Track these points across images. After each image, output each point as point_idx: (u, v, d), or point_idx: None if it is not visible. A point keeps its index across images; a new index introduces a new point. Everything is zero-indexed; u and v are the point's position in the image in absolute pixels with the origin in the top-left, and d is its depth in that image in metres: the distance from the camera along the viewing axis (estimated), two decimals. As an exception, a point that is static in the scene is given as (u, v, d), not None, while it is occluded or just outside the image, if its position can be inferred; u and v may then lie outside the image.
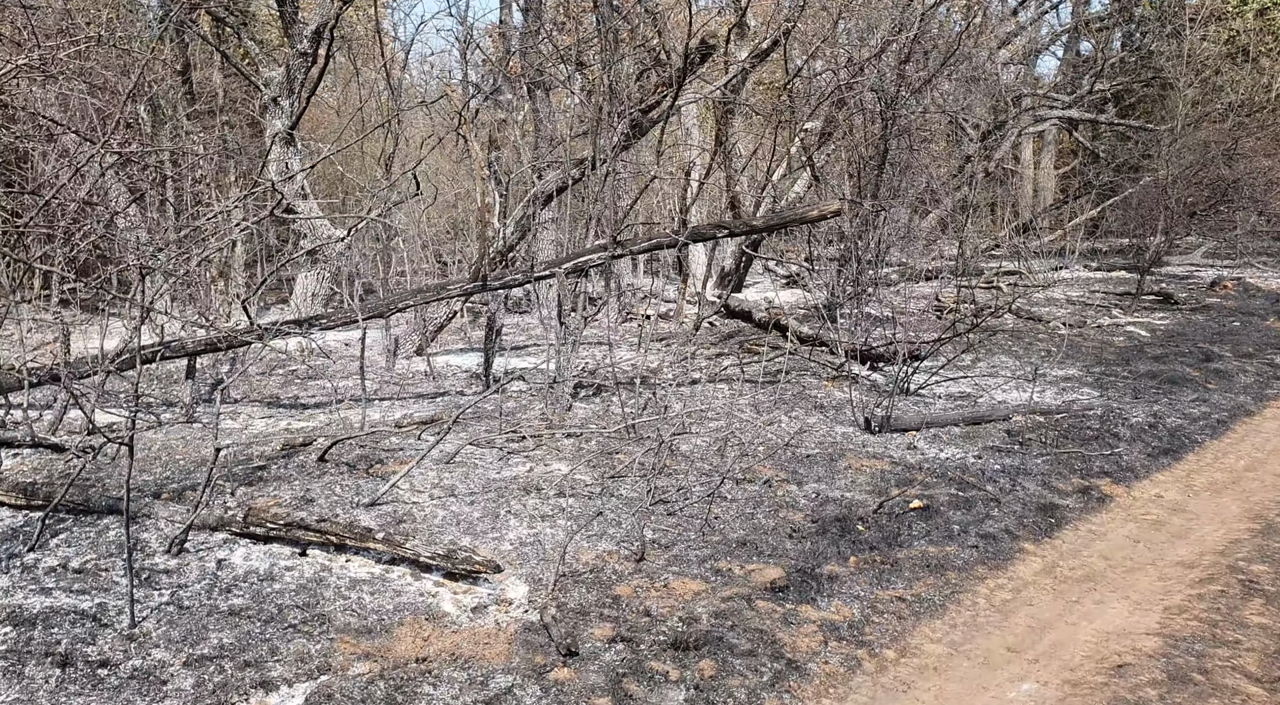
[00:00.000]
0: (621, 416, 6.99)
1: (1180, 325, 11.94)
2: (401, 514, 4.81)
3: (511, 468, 5.70)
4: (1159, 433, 7.01)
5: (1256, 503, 5.71)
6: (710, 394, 7.90)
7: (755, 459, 6.07)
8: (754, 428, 6.82)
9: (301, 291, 9.85)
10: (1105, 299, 14.23)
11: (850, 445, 6.51)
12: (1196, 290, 15.33)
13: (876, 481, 5.74)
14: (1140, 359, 9.74)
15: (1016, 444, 6.63)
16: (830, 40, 10.35)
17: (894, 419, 6.94)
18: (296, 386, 8.09)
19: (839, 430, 6.90)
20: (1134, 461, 6.39)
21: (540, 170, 8.65)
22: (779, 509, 5.25)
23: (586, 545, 4.60)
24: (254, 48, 9.21)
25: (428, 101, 8.46)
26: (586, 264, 6.82)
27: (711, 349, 10.22)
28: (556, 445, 6.19)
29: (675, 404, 7.48)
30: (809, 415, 7.28)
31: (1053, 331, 11.53)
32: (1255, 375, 9.13)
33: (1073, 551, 4.96)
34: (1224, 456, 6.67)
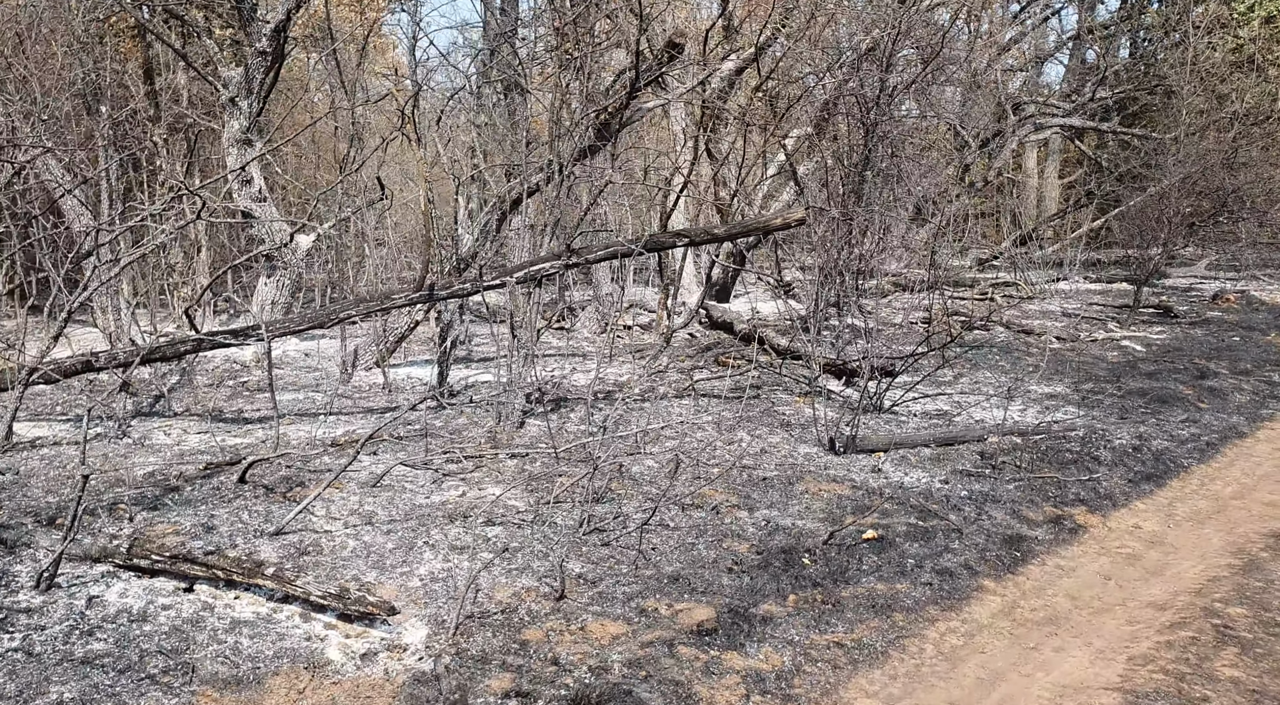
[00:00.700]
0: (575, 435, 6.65)
1: (1178, 340, 11.53)
2: (308, 544, 4.46)
3: (444, 492, 5.36)
4: (1143, 456, 6.63)
5: (1240, 535, 5.32)
6: (674, 410, 7.55)
7: (707, 482, 5.71)
8: (712, 448, 6.46)
9: (261, 299, 9.54)
10: (1102, 312, 13.83)
11: (811, 467, 6.14)
12: (1198, 303, 14.92)
13: (832, 508, 5.38)
14: (1132, 375, 9.35)
15: (989, 467, 6.25)
16: (815, 43, 10.01)
17: (860, 439, 6.57)
18: (244, 399, 7.76)
19: (802, 450, 6.53)
20: (1113, 488, 6.00)
21: (510, 173, 8.32)
22: (723, 538, 4.89)
23: (504, 581, 4.25)
24: (213, 47, 8.92)
25: (372, 99, 8.15)
26: (539, 273, 6.48)
27: (687, 361, 9.87)
28: (498, 467, 5.85)
29: (635, 421, 7.14)
30: (773, 434, 6.92)
31: (1044, 345, 11.14)
32: (1251, 394, 8.73)
33: (1037, 589, 4.58)
34: (1211, 482, 6.28)
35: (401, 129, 6.72)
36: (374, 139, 12.45)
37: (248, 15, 8.68)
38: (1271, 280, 17.46)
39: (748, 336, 10.32)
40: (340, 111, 9.65)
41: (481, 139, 10.10)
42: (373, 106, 8.60)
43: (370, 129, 9.96)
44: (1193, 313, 13.65)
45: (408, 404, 7.57)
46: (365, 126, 12.52)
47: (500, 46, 10.21)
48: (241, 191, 9.00)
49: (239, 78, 8.92)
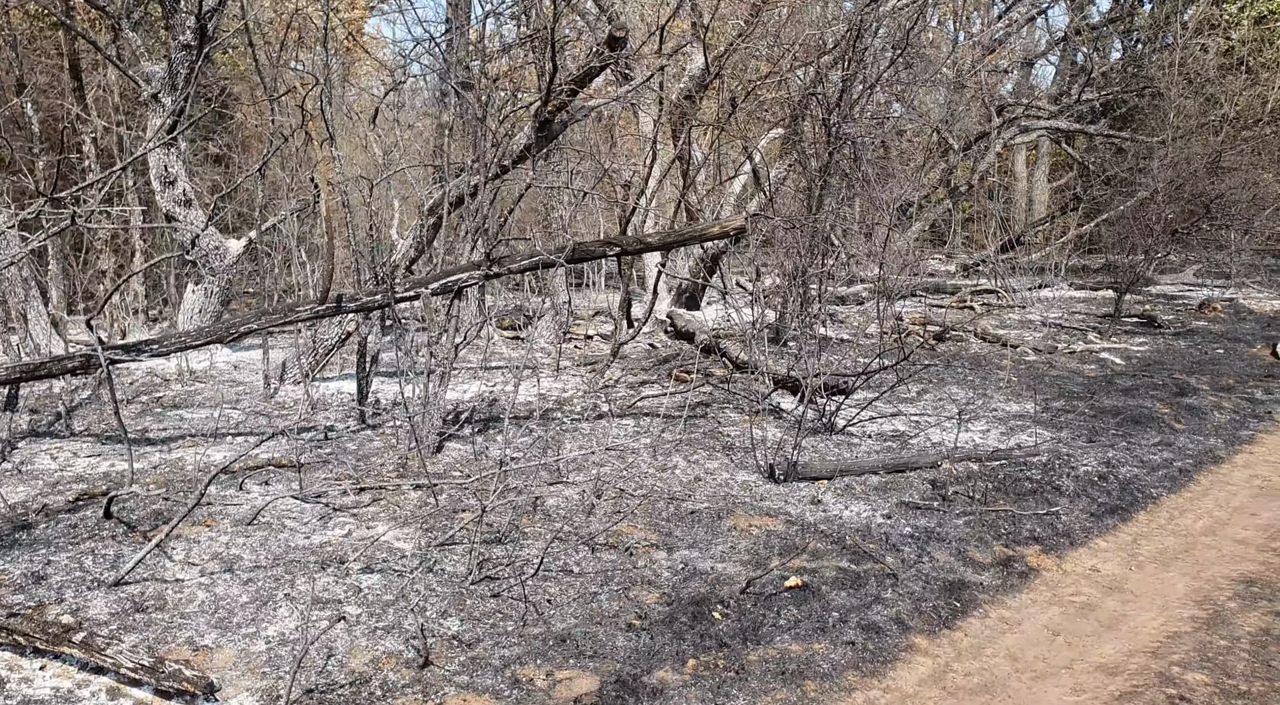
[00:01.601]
0: (494, 462, 6.14)
1: (1159, 352, 11.05)
2: (149, 597, 3.96)
3: (329, 530, 4.85)
4: (1109, 486, 6.13)
5: (1208, 580, 4.83)
6: (613, 431, 7.05)
7: (627, 517, 5.21)
8: (642, 476, 5.96)
9: (189, 308, 9.02)
10: (1084, 321, 13.34)
11: (746, 498, 5.64)
12: (1184, 312, 14.44)
13: (759, 548, 4.88)
14: (1107, 391, 8.86)
15: (939, 498, 5.75)
16: (776, 42, 9.51)
17: (803, 466, 6.07)
18: (153, 417, 7.25)
19: (740, 478, 6.03)
20: (1073, 523, 5.51)
21: (455, 176, 7.80)
22: (631, 586, 4.39)
23: (365, 643, 3.74)
24: (135, 39, 8.40)
25: (275, 95, 7.63)
26: (457, 284, 5.97)
27: (640, 375, 9.37)
28: (398, 499, 5.34)
29: (567, 444, 6.64)
30: (712, 458, 6.42)
31: (1019, 357, 10.66)
32: (1231, 412, 8.24)
33: (974, 649, 4.09)
34: (1180, 516, 5.79)
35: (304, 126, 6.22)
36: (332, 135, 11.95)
37: (170, 7, 8.17)
38: (1260, 288, 16.99)
39: (708, 348, 9.84)
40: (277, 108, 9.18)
41: (434, 139, 9.60)
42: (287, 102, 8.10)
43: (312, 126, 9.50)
44: (1178, 322, 13.17)
45: (349, 423, 7.09)
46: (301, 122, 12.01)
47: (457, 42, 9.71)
48: (164, 194, 8.48)
49: (162, 73, 8.41)
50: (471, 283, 5.97)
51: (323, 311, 6.00)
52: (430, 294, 5.95)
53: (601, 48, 7.24)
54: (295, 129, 7.18)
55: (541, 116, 7.52)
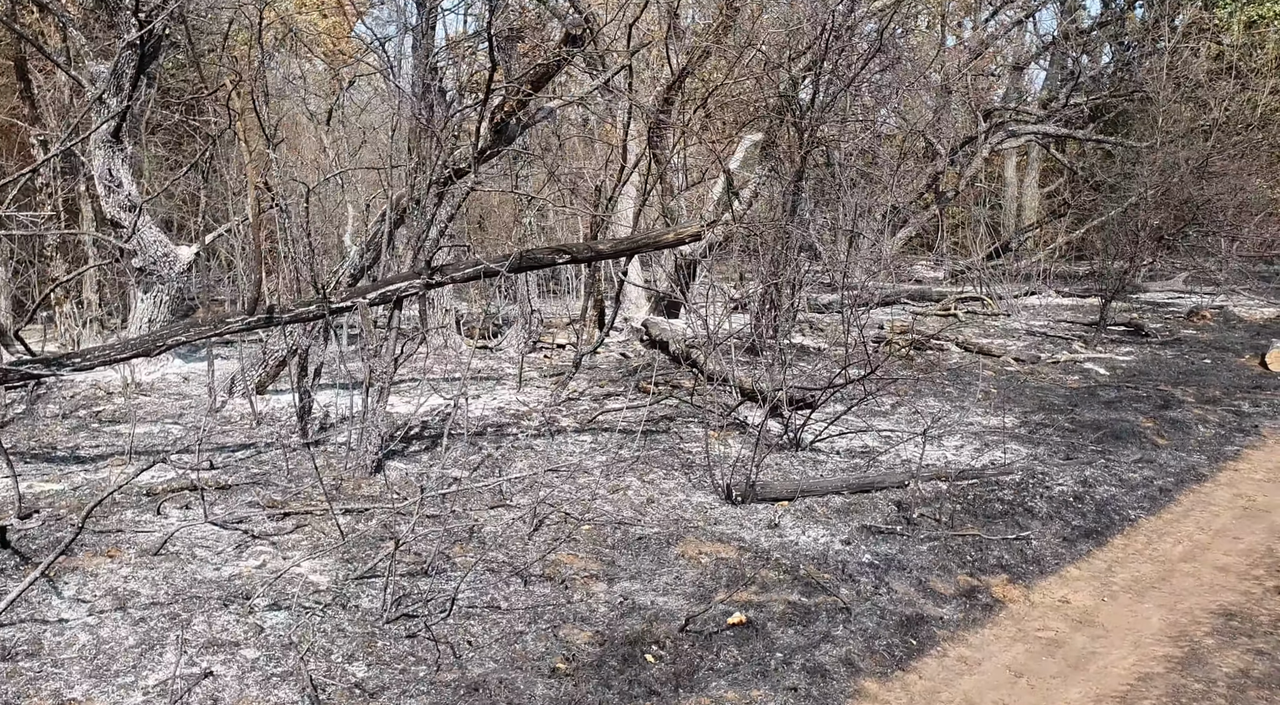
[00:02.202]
0: (437, 483, 5.82)
1: (1145, 362, 10.75)
2: (23, 641, 3.62)
3: (243, 560, 4.52)
4: (1084, 507, 5.82)
5: (1184, 612, 4.52)
6: (569, 448, 6.72)
7: (570, 544, 4.89)
8: (591, 498, 5.64)
9: (138, 318, 8.69)
10: (1070, 329, 13.06)
11: (699, 523, 5.32)
12: (1173, 320, 14.16)
13: (706, 579, 4.56)
14: (1089, 404, 8.55)
15: (904, 521, 5.44)
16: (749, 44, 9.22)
17: (763, 486, 5.75)
18: (87, 434, 6.91)
19: (696, 500, 5.71)
20: (1044, 549, 5.20)
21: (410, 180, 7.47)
22: (562, 624, 4.06)
23: (257, 693, 3.41)
24: (79, 38, 8.09)
25: (205, 93, 7.29)
26: (395, 293, 5.65)
27: (607, 386, 9.05)
28: (324, 525, 5.01)
29: (518, 463, 6.32)
30: (669, 478, 6.09)
31: (1001, 367, 10.36)
32: (1216, 427, 7.94)
33: (929, 693, 3.77)
34: (1159, 540, 5.47)
35: (231, 125, 5.90)
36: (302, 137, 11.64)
37: (114, 4, 7.86)
38: (1251, 295, 16.72)
39: (680, 358, 9.52)
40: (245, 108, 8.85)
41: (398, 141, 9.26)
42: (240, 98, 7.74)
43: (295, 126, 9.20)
44: (1165, 331, 12.88)
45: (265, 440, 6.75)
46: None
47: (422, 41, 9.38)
48: (109, 199, 8.16)
49: (107, 73, 8.10)
50: (411, 292, 5.66)
51: (254, 323, 5.67)
52: (368, 304, 5.63)
53: (558, 46, 6.94)
54: (222, 129, 6.87)
55: (497, 118, 7.21)
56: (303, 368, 6.44)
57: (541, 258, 5.91)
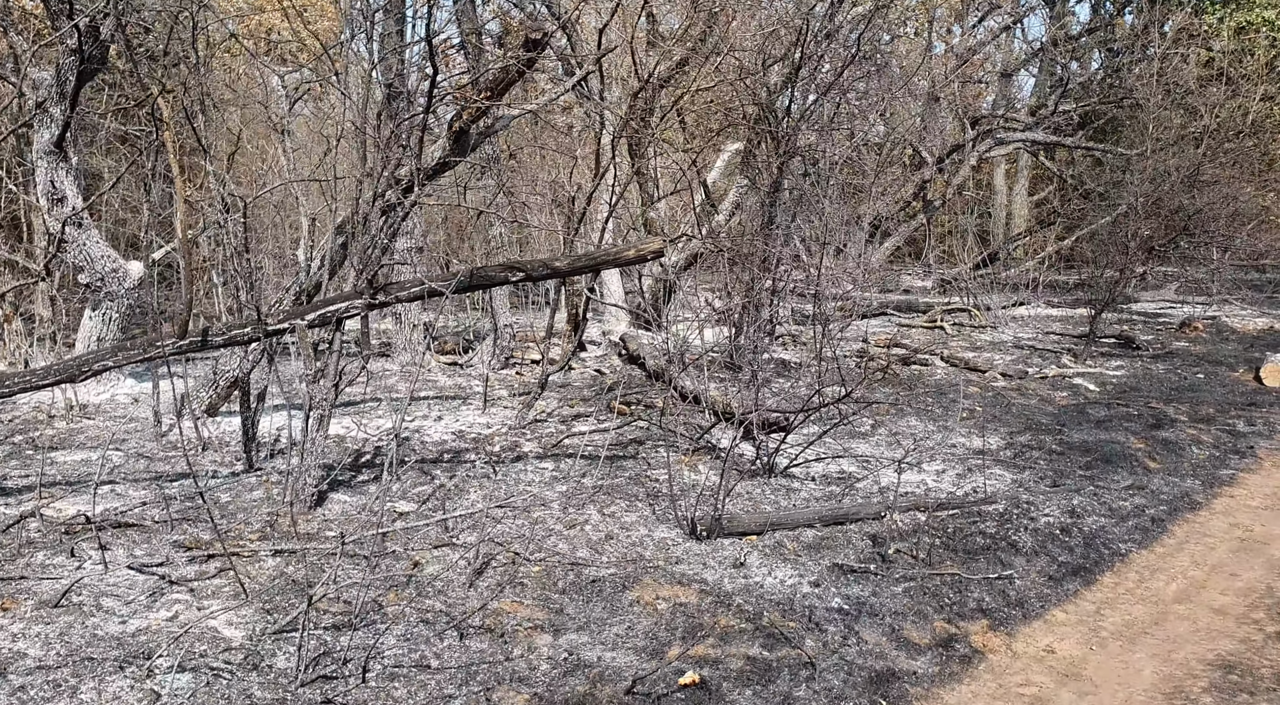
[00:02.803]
0: (389, 516, 5.45)
1: (1136, 377, 10.43)
2: (-117, 715, 3.25)
3: (154, 611, 4.14)
4: (1072, 540, 5.47)
5: (1180, 664, 4.17)
6: (528, 476, 6.35)
7: (516, 588, 4.52)
8: (546, 533, 5.27)
9: (86, 335, 8.30)
10: (1059, 342, 12.74)
11: (659, 562, 4.95)
12: (1165, 332, 13.86)
13: (661, 629, 4.19)
14: (1078, 424, 8.22)
15: (878, 558, 5.08)
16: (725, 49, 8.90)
17: (729, 520, 5.39)
18: (19, 461, 6.52)
19: (659, 535, 5.34)
20: (1028, 589, 4.84)
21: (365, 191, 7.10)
22: (497, 685, 3.70)
23: (139, 773, 3.04)
24: (21, 43, 7.72)
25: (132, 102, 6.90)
26: (335, 314, 5.29)
27: (578, 406, 8.70)
28: (251, 568, 4.63)
29: (472, 493, 5.95)
30: (632, 509, 5.73)
31: (987, 383, 10.02)
32: (1211, 447, 7.61)
33: (897, 763, 3.41)
34: (1151, 577, 5.13)
35: (158, 135, 5.54)
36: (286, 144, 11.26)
37: (55, 8, 7.49)
38: (1244, 305, 16.44)
39: (656, 374, 9.17)
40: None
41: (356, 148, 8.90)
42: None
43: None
44: (1157, 342, 12.57)
45: (238, 467, 6.37)
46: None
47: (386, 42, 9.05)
48: (52, 212, 7.78)
49: (50, 80, 7.73)
50: (353, 313, 5.29)
51: (185, 346, 5.30)
52: (306, 326, 5.26)
53: (519, 51, 6.61)
54: (150, 140, 6.52)
55: (454, 127, 6.86)
56: (244, 391, 6.06)
57: (493, 275, 5.55)
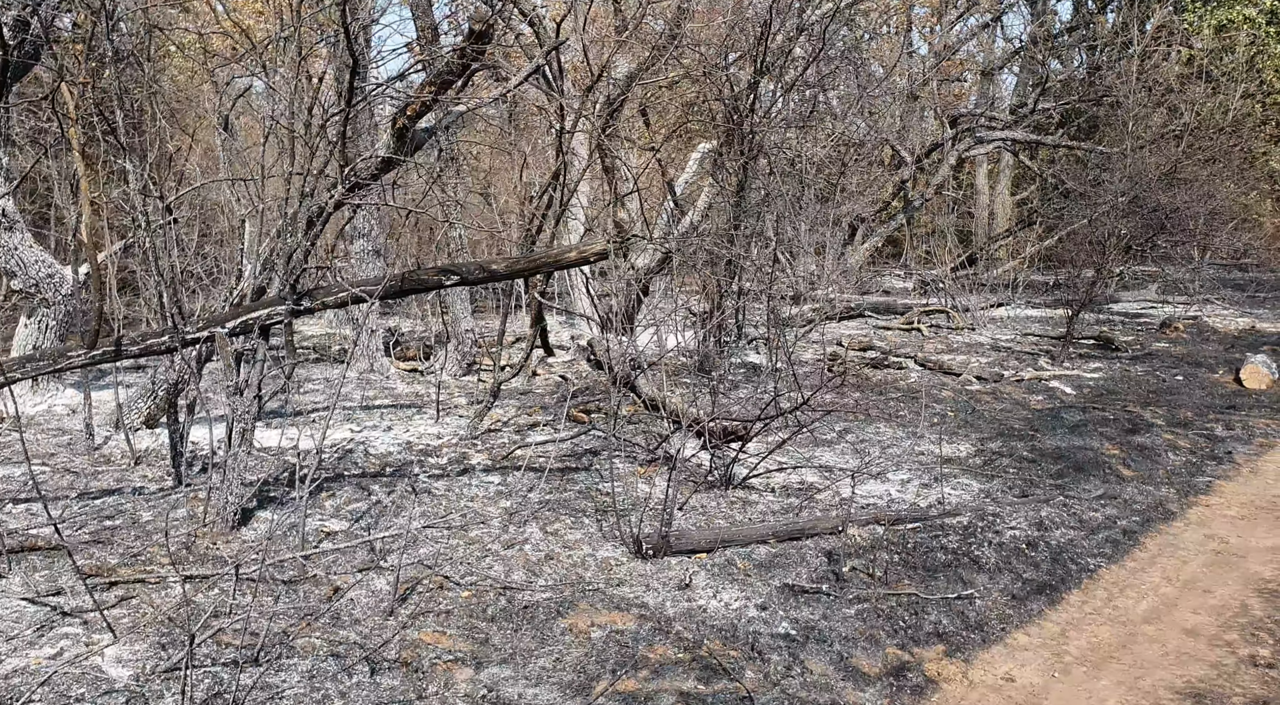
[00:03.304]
0: (313, 537, 5.15)
1: (1114, 380, 10.19)
2: None
3: (39, 647, 3.82)
4: (1038, 556, 5.20)
5: (1146, 692, 3.89)
6: (471, 490, 6.05)
7: (440, 617, 4.22)
8: (481, 554, 4.96)
9: (21, 344, 7.95)
10: (1038, 343, 12.51)
11: (599, 584, 4.65)
12: (1145, 332, 13.64)
13: (591, 661, 3.89)
14: (1052, 429, 7.96)
15: (832, 577, 4.79)
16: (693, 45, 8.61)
17: (679, 537, 5.09)
18: (-65, 479, 6.18)
19: (603, 554, 5.05)
20: (989, 610, 4.56)
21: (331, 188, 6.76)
22: (405, 725, 3.39)
23: None
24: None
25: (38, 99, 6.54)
26: (257, 322, 4.97)
27: (537, 414, 8.39)
28: (157, 596, 4.31)
29: (409, 510, 5.64)
30: (578, 526, 5.43)
31: (962, 386, 9.77)
32: (1187, 453, 7.36)
33: (835, 812, 3.12)
34: (1120, 595, 4.86)
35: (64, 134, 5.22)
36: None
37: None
38: (1226, 305, 16.26)
39: (621, 381, 8.87)
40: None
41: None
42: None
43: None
44: (1136, 344, 12.34)
45: (166, 484, 6.04)
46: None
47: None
48: (-19, 217, 7.44)
49: (-23, 80, 7.37)
50: (276, 320, 4.98)
51: (99, 357, 4.98)
52: (227, 334, 4.95)
53: (465, 44, 6.29)
54: (56, 138, 6.20)
55: (399, 124, 6.55)
56: (171, 403, 5.74)
57: (425, 279, 5.25)
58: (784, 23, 7.24)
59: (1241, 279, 19.64)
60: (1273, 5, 21.21)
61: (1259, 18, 21.27)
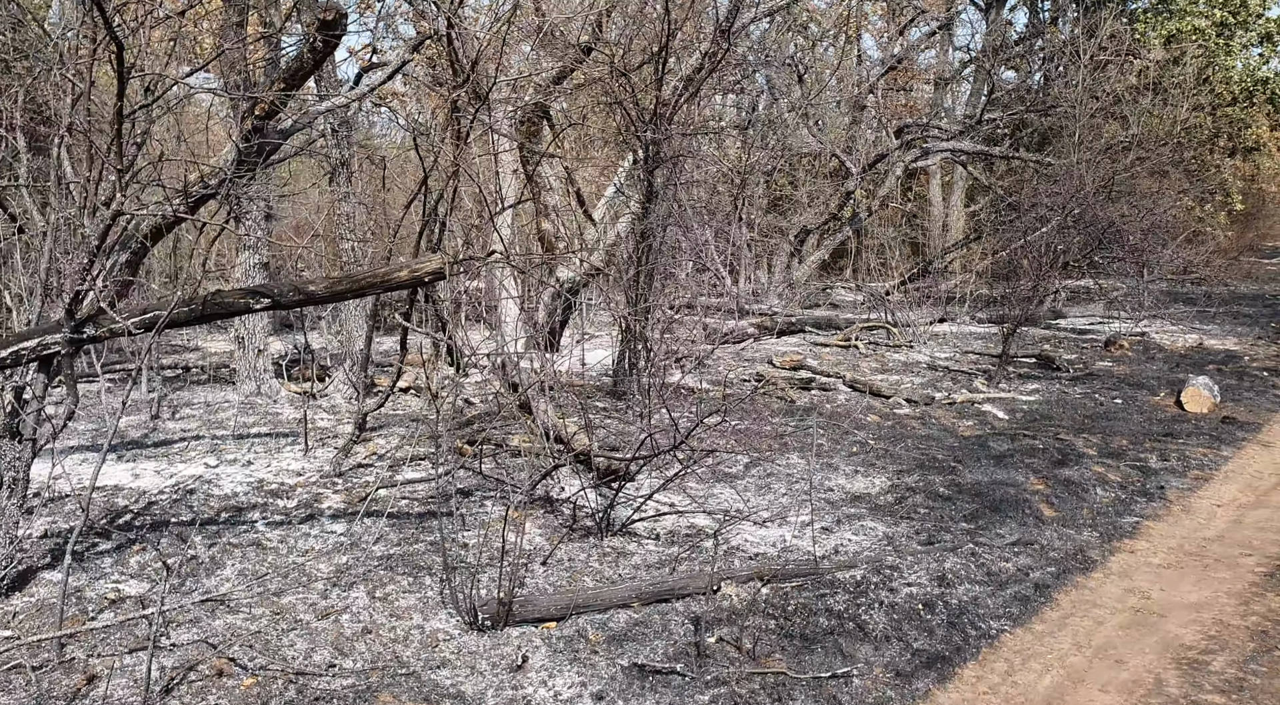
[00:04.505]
0: (103, 605, 4.41)
1: (1050, 403, 9.66)
2: None
3: None
4: (935, 618, 4.59)
5: (1034, 804, 3.27)
6: (305, 543, 5.34)
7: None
8: (284, 628, 4.26)
9: None
10: (976, 362, 11.99)
11: (417, 665, 3.97)
12: (1090, 350, 13.19)
13: (370, 775, 3.21)
14: (976, 460, 7.39)
15: (693, 651, 4.15)
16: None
17: (524, 602, 4.43)
18: None
19: (433, 625, 4.37)
20: (867, 691, 3.94)
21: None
22: None
23: None
24: None
25: None
26: (29, 353, 4.25)
27: (423, 444, 7.69)
28: None
29: (228, 567, 4.92)
30: (415, 588, 4.74)
31: (889, 410, 9.20)
32: (1117, 488, 6.81)
33: None
34: (1023, 666, 4.25)
35: None
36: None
37: None
38: (1175, 321, 15.89)
39: (525, 406, 8.20)
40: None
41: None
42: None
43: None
44: (1079, 363, 11.87)
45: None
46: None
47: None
48: None
49: None
50: (51, 351, 4.26)
51: None
52: (-9, 372, 4.22)
53: (313, 36, 5.63)
54: None
55: (247, 124, 5.86)
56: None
57: (232, 303, 4.55)
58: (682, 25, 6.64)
59: (1193, 293, 19.35)
60: (1222, 17, 21.07)
61: (1209, 29, 21.12)
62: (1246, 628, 4.58)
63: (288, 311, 10.62)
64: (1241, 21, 21.75)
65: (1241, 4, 21.56)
